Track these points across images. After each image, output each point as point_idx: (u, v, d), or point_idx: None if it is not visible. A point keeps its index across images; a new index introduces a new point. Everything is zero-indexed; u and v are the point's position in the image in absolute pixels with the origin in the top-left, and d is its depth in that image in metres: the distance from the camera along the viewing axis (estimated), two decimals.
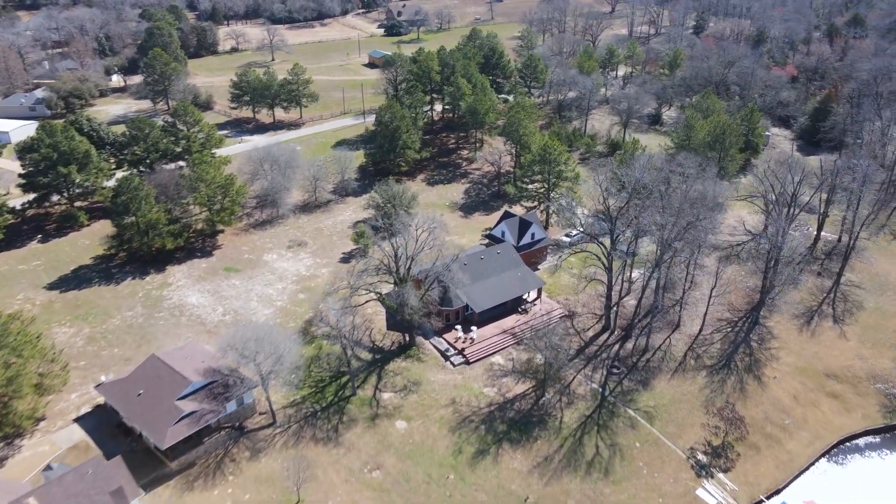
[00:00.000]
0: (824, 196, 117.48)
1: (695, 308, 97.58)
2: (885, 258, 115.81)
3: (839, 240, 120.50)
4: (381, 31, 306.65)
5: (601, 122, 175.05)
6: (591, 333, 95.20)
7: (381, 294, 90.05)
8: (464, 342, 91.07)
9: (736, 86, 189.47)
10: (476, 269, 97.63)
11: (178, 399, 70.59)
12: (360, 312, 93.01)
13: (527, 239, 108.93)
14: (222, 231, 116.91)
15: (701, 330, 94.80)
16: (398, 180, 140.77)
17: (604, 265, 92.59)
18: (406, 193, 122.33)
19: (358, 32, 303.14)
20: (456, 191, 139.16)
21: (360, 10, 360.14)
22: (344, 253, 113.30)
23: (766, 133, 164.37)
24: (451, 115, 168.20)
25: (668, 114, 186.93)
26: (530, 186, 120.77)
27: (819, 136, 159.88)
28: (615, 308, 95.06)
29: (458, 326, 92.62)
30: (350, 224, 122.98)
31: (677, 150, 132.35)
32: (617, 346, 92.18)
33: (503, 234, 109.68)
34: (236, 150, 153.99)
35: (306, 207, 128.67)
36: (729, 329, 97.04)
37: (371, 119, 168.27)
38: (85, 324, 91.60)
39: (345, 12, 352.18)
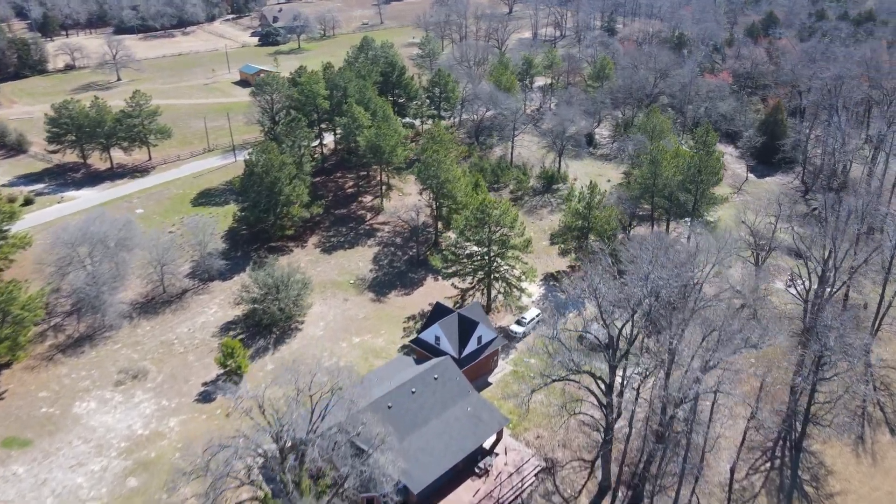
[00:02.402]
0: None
1: (710, 430, 69.10)
2: None
3: (846, 298, 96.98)
4: (256, 39, 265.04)
5: (528, 148, 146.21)
6: (584, 500, 64.41)
7: (264, 494, 55.37)
8: None
9: (666, 96, 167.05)
10: (406, 414, 64.62)
11: None
12: None
13: (472, 345, 76.79)
14: (8, 366, 76.66)
15: (733, 475, 66.32)
16: (283, 247, 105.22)
17: (599, 402, 62.10)
18: (294, 276, 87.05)
19: (227, 42, 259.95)
20: (362, 258, 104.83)
21: (230, 16, 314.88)
22: (205, 384, 76.55)
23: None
24: (344, 148, 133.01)
25: (600, 132, 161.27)
26: (465, 259, 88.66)
27: (779, 156, 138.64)
28: (611, 445, 64.85)
29: None
30: (215, 329, 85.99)
31: (642, 191, 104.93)
32: None
33: (437, 340, 76.97)
34: (55, 213, 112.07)
35: (149, 307, 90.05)
36: (766, 464, 69.43)
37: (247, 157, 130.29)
38: None
39: (211, 18, 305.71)
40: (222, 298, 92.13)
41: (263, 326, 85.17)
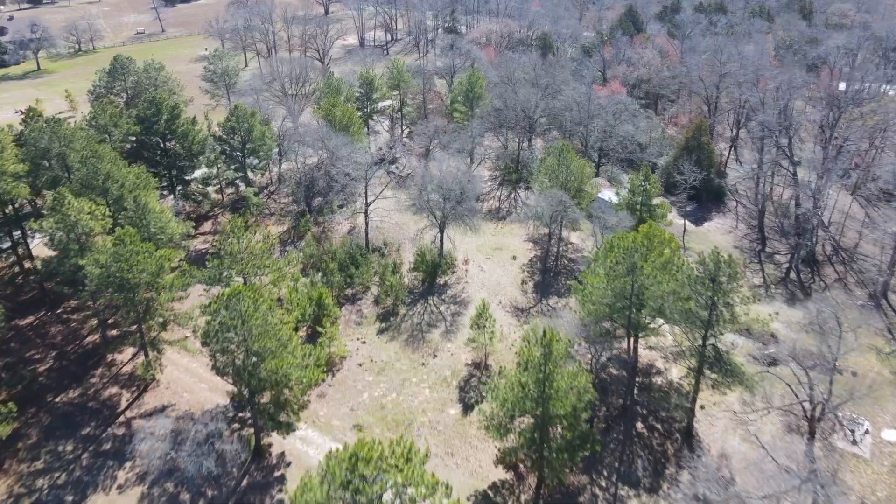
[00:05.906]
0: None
1: None
2: None
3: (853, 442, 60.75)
4: None
5: (388, 218, 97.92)
6: None
7: None
8: None
9: (546, 117, 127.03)
10: None
11: None
12: None
13: None
14: None
15: None
16: None
17: None
18: None
19: None
20: None
21: None
22: None
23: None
24: (58, 277, 75.53)
25: (479, 173, 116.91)
26: None
27: (727, 198, 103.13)
28: None
29: None
30: None
31: (610, 312, 60.84)
32: None
33: None
34: None
35: None
36: None
37: None
38: None
39: None
40: None
41: None
